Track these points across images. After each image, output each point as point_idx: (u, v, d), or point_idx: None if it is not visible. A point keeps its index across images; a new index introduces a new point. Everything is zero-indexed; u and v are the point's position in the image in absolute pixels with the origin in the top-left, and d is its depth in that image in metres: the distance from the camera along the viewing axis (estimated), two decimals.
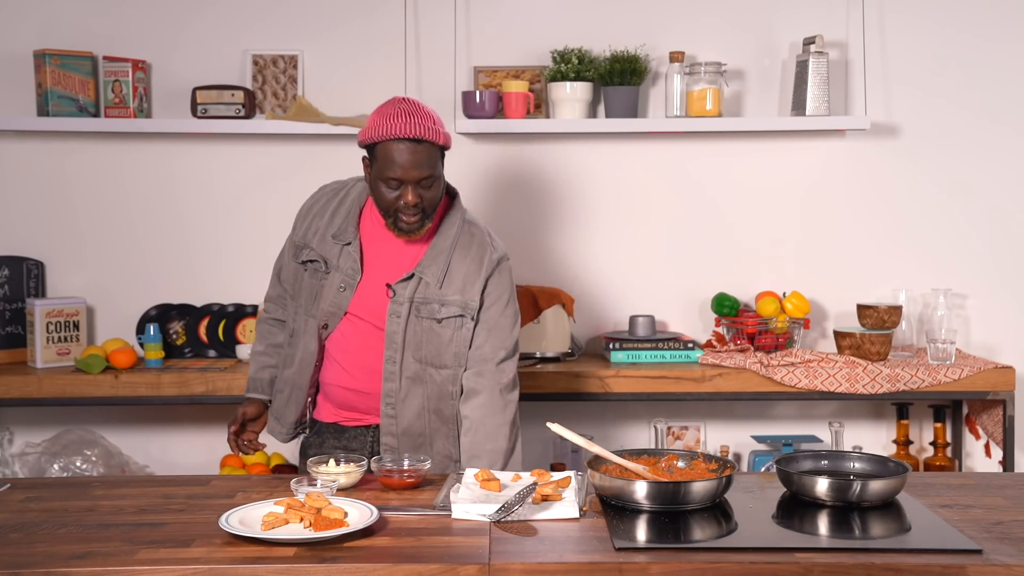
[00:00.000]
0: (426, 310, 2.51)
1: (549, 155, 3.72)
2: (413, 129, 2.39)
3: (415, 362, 2.52)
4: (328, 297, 2.54)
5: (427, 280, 2.51)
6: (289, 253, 2.67)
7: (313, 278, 2.57)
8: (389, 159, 2.41)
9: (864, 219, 3.74)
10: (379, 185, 2.44)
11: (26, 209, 3.69)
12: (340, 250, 2.54)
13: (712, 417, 3.77)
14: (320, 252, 2.56)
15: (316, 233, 2.59)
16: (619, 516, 2.01)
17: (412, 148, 2.40)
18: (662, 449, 2.32)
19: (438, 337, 2.52)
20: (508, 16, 3.68)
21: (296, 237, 2.63)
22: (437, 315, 2.51)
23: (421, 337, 2.51)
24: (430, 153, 2.43)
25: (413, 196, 2.42)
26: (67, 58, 3.53)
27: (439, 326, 2.52)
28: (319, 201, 2.65)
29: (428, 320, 2.51)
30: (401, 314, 2.50)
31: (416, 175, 2.41)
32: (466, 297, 2.53)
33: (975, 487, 2.26)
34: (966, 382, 3.37)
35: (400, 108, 2.43)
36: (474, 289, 2.54)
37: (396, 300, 2.51)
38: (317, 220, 2.61)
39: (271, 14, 3.67)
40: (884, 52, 3.69)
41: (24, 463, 3.51)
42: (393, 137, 2.39)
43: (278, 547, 1.85)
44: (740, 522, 2.01)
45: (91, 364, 3.39)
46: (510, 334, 2.58)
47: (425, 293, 2.51)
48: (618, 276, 3.75)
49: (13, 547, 1.86)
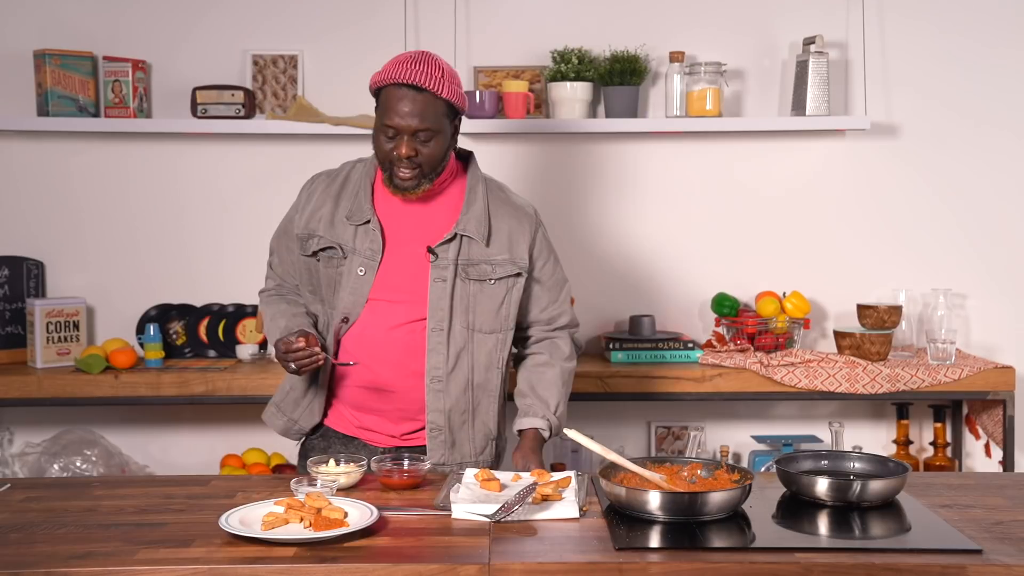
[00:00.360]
0: (475, 271, 2.41)
1: (549, 155, 3.72)
2: (416, 75, 2.28)
3: (464, 329, 2.41)
4: (348, 285, 2.41)
5: (472, 238, 2.40)
6: (293, 248, 2.51)
7: (328, 267, 2.44)
8: (388, 105, 2.31)
9: (864, 219, 3.74)
10: (378, 134, 2.34)
11: (26, 209, 3.69)
12: (355, 231, 2.41)
13: (712, 417, 3.77)
14: (332, 238, 2.43)
15: (322, 220, 2.44)
16: (629, 524, 1.96)
17: (412, 96, 2.29)
18: (687, 458, 2.27)
19: (489, 299, 2.42)
20: (508, 16, 3.68)
21: (298, 229, 2.48)
22: (490, 276, 2.42)
23: (469, 301, 2.40)
24: (431, 105, 2.31)
25: (407, 148, 2.30)
26: (67, 58, 3.53)
27: (492, 287, 2.42)
28: (316, 189, 2.51)
29: (478, 282, 2.41)
30: (446, 278, 2.38)
31: (412, 125, 2.29)
32: (515, 255, 2.44)
33: (975, 487, 2.26)
34: (966, 382, 3.36)
35: (412, 56, 2.33)
36: (522, 246, 2.46)
37: (438, 264, 2.38)
38: (320, 207, 2.46)
39: (271, 14, 3.67)
40: (884, 52, 3.69)
41: (24, 463, 3.51)
42: (394, 81, 2.30)
43: (278, 547, 1.85)
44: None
45: (91, 364, 3.39)
46: (567, 293, 2.58)
47: (469, 253, 2.40)
48: (618, 276, 3.75)
49: (13, 547, 1.86)
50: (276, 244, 2.61)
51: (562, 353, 2.55)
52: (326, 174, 2.55)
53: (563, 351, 2.56)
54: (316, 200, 2.48)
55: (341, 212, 2.44)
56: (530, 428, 2.46)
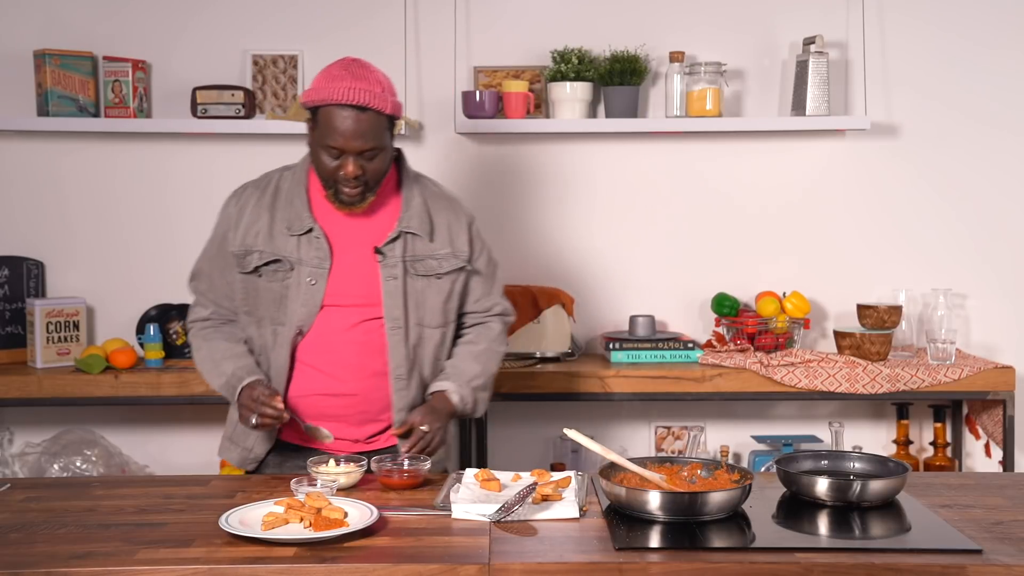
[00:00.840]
0: (422, 267, 2.41)
1: (549, 155, 3.72)
2: (358, 95, 2.23)
3: (416, 326, 2.42)
4: (299, 297, 2.36)
5: (416, 235, 2.40)
6: (229, 268, 2.43)
7: (273, 281, 2.38)
8: (330, 126, 2.25)
9: (864, 219, 3.74)
10: (319, 152, 2.29)
11: (26, 209, 3.69)
12: (297, 241, 2.37)
13: (712, 417, 3.77)
14: (274, 251, 2.37)
15: (259, 234, 2.38)
16: (629, 524, 1.97)
17: (355, 116, 2.24)
18: (687, 457, 2.27)
19: (436, 294, 2.44)
20: (508, 16, 3.68)
21: (233, 247, 2.40)
22: (437, 271, 2.43)
23: (419, 297, 2.41)
24: (375, 122, 2.27)
25: (354, 168, 2.27)
26: (67, 58, 3.53)
27: (439, 281, 2.43)
28: (247, 203, 2.43)
29: (425, 277, 2.42)
30: (397, 275, 2.38)
31: (358, 146, 2.26)
32: (456, 248, 2.46)
33: (975, 487, 2.26)
34: (966, 382, 3.36)
35: (347, 70, 2.27)
36: (462, 239, 2.48)
37: (387, 263, 2.38)
38: (255, 221, 2.40)
39: (271, 14, 3.67)
40: (884, 52, 3.69)
41: (24, 463, 3.51)
42: (335, 102, 2.24)
43: (278, 547, 1.85)
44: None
45: (91, 364, 3.39)
46: (500, 281, 2.60)
47: (415, 250, 2.41)
48: (618, 276, 3.75)
49: (13, 547, 1.86)
50: (206, 267, 2.50)
51: (491, 334, 2.56)
52: (252, 186, 2.48)
53: (492, 332, 2.57)
54: (249, 214, 2.41)
55: (279, 224, 2.39)
56: (439, 391, 2.43)
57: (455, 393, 2.43)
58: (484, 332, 2.56)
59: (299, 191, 2.41)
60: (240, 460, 2.49)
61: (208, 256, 2.49)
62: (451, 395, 2.42)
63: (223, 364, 2.40)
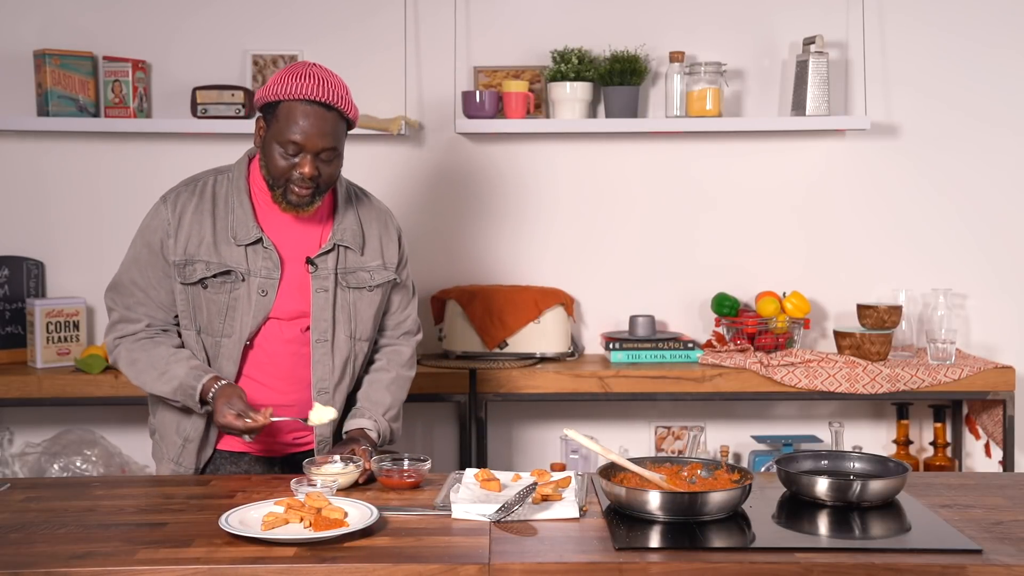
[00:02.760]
0: (354, 279, 2.39)
1: (549, 155, 3.72)
2: (326, 93, 2.21)
3: (347, 339, 2.39)
4: (249, 309, 2.31)
5: (349, 248, 2.38)
6: (166, 277, 2.33)
7: (219, 293, 2.30)
8: (292, 121, 2.20)
9: (864, 219, 3.74)
10: (273, 149, 2.23)
11: (26, 209, 3.69)
12: (244, 252, 2.30)
13: (712, 417, 3.77)
14: (223, 262, 2.30)
15: (203, 244, 2.30)
16: (629, 524, 1.96)
17: (321, 113, 2.21)
18: (687, 457, 2.27)
19: (368, 307, 2.41)
20: (508, 16, 3.68)
21: (175, 256, 2.31)
22: (369, 283, 2.41)
23: (350, 310, 2.39)
24: (337, 124, 2.25)
25: (311, 168, 2.22)
26: (67, 58, 3.53)
27: (371, 294, 2.41)
28: (184, 210, 2.32)
29: (357, 290, 2.39)
30: (328, 288, 2.35)
31: (319, 144, 2.22)
32: (387, 260, 2.44)
33: (975, 487, 2.26)
34: (966, 382, 3.37)
35: (312, 71, 2.24)
36: (392, 251, 2.46)
37: (319, 275, 2.35)
38: (196, 229, 2.31)
39: (271, 14, 3.67)
40: (884, 52, 3.69)
41: (24, 463, 3.51)
42: (302, 97, 2.20)
43: (278, 547, 1.85)
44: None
45: (91, 364, 3.39)
46: (416, 296, 2.59)
47: (347, 262, 2.38)
48: (618, 276, 3.75)
49: (13, 547, 1.86)
50: (137, 277, 2.36)
51: (400, 359, 2.53)
52: (187, 192, 2.36)
53: (402, 357, 2.54)
54: (188, 222, 2.32)
55: (223, 233, 2.31)
56: (356, 428, 2.41)
57: (373, 430, 2.40)
58: (394, 358, 2.53)
59: (241, 198, 2.33)
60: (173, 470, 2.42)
61: (139, 266, 2.36)
62: (369, 432, 2.39)
63: (175, 367, 2.29)
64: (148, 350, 2.33)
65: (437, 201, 3.72)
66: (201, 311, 2.33)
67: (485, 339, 3.49)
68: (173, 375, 2.29)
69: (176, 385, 2.29)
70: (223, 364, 2.35)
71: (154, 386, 2.32)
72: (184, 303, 2.34)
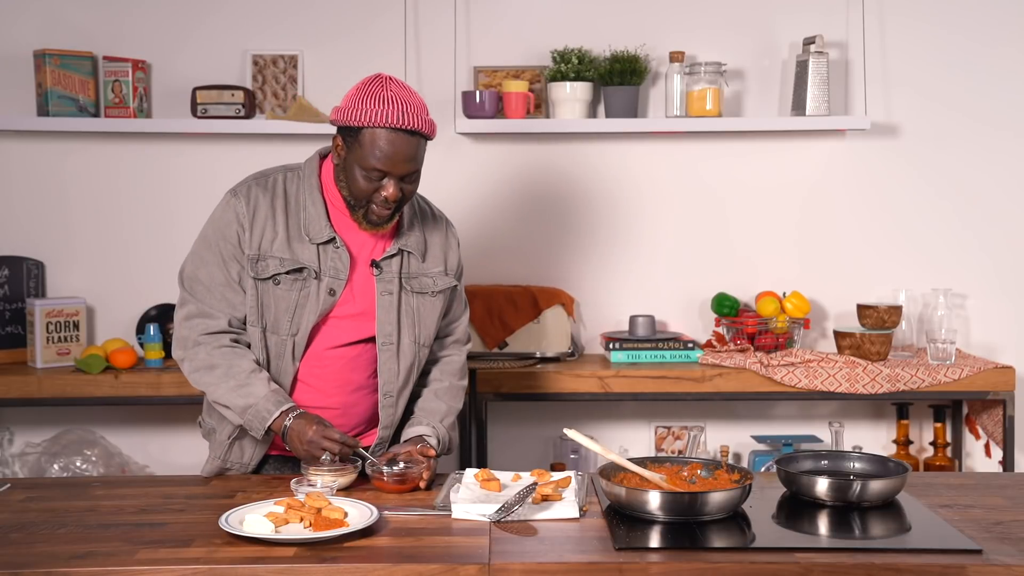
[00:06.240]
0: (417, 284, 2.39)
1: (549, 155, 3.72)
2: (410, 119, 2.19)
3: (411, 343, 2.38)
4: (316, 307, 2.30)
5: (412, 253, 2.38)
6: (242, 273, 2.31)
7: (291, 290, 2.29)
8: (377, 147, 2.19)
9: (864, 219, 3.74)
10: (356, 172, 2.22)
11: (26, 209, 3.69)
12: (317, 250, 2.30)
13: (712, 417, 3.77)
14: (297, 259, 2.29)
15: (276, 240, 2.30)
16: (629, 524, 1.97)
17: (405, 139, 2.19)
18: (687, 458, 2.27)
19: (430, 312, 2.41)
20: (508, 16, 3.69)
21: (250, 250, 2.29)
22: (432, 288, 2.41)
23: (414, 315, 2.39)
24: (420, 146, 2.24)
25: (395, 191, 2.23)
26: (67, 58, 3.53)
27: (433, 299, 2.41)
28: (258, 205, 2.31)
29: (420, 295, 2.39)
30: (392, 291, 2.35)
31: (404, 169, 2.22)
32: (448, 266, 2.45)
33: (975, 487, 2.26)
34: (966, 382, 3.37)
35: (392, 92, 2.21)
36: (453, 257, 2.48)
37: (383, 278, 2.34)
38: (271, 225, 2.30)
39: (271, 14, 3.67)
40: (884, 52, 3.69)
41: (24, 463, 3.51)
42: (387, 125, 2.18)
43: (278, 547, 1.85)
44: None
45: (91, 364, 3.39)
46: (467, 305, 2.61)
47: (410, 267, 2.38)
48: (618, 276, 3.75)
49: (13, 547, 1.86)
50: (216, 272, 2.33)
51: (452, 369, 2.54)
52: (258, 187, 2.34)
53: (454, 367, 2.54)
54: (262, 217, 2.31)
55: (296, 230, 2.31)
56: (415, 435, 2.40)
57: (432, 436, 2.39)
58: (446, 368, 2.53)
59: (314, 196, 2.33)
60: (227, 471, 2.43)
61: (215, 258, 2.32)
62: (428, 438, 2.38)
63: (253, 384, 2.26)
64: (230, 359, 2.29)
65: (437, 201, 3.68)
66: (269, 309, 2.31)
67: (485, 339, 3.49)
68: (251, 392, 2.25)
69: (251, 402, 2.25)
70: (286, 363, 2.32)
71: (225, 396, 2.27)
72: (253, 299, 2.31)
